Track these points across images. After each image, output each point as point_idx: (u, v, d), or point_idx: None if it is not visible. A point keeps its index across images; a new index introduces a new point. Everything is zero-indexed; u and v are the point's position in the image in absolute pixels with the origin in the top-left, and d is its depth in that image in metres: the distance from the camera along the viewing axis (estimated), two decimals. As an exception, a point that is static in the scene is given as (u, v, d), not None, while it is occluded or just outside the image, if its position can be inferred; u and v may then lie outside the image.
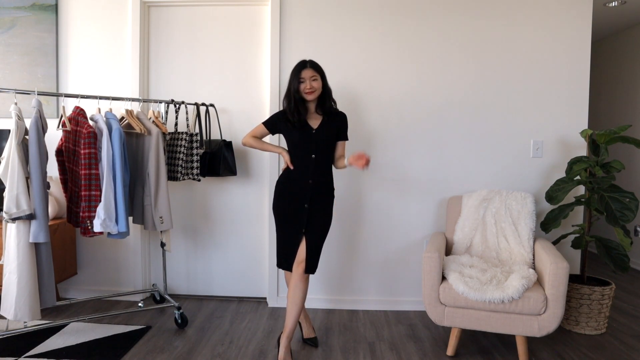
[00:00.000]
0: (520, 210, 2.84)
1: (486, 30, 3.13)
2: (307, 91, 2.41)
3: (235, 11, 3.31)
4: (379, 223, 3.23)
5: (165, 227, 2.76)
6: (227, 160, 3.13)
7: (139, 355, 2.48)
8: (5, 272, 2.33)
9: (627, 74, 4.59)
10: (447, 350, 2.54)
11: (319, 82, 2.43)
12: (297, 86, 2.43)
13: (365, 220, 3.24)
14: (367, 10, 3.16)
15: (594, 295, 2.80)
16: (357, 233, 3.25)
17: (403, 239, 3.23)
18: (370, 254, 3.25)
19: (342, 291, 3.28)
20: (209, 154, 3.08)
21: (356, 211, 3.24)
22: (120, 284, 3.38)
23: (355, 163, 2.38)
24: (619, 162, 2.81)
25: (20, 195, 2.26)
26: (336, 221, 3.24)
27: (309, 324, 2.72)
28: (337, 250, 3.25)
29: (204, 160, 3.05)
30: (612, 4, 3.75)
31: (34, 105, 2.33)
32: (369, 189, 3.22)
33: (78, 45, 3.30)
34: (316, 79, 2.42)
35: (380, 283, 3.26)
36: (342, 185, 3.22)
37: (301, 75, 2.42)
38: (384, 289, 3.26)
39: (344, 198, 3.22)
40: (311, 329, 2.72)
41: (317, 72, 2.44)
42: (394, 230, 3.23)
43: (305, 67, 2.42)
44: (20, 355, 2.42)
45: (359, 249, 3.25)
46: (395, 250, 3.24)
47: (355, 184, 3.22)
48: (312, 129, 2.47)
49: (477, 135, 3.17)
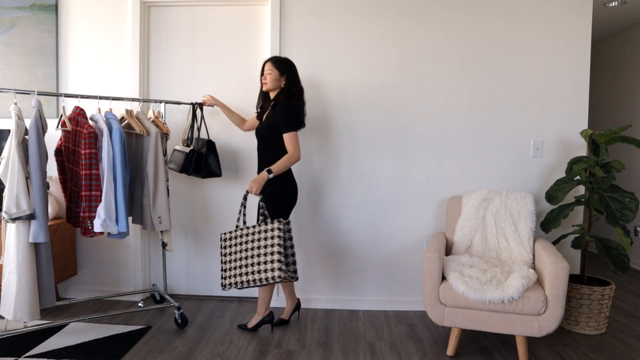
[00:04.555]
0: (520, 210, 2.84)
1: (486, 30, 3.13)
2: (263, 82, 2.72)
3: (235, 11, 3.31)
4: (379, 223, 3.23)
5: (164, 227, 2.76)
6: (209, 162, 3.07)
7: (139, 355, 2.48)
8: (5, 272, 2.33)
9: (627, 74, 4.59)
10: (447, 350, 2.54)
11: (273, 76, 2.68)
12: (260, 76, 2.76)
13: (365, 220, 3.24)
14: (367, 10, 3.16)
15: (594, 295, 2.80)
16: (357, 233, 3.25)
17: (403, 239, 3.23)
18: (370, 254, 3.25)
19: (342, 291, 3.28)
20: (195, 153, 3.03)
21: (356, 211, 3.24)
22: (120, 284, 3.38)
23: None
24: (619, 162, 2.81)
25: (20, 195, 2.26)
26: (336, 221, 3.24)
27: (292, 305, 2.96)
28: (337, 250, 3.25)
29: (190, 159, 3.01)
30: (612, 4, 3.76)
31: (34, 105, 2.33)
32: (369, 189, 3.22)
33: (78, 45, 3.30)
34: (270, 73, 2.68)
35: (380, 283, 3.26)
36: (342, 185, 3.22)
37: (263, 67, 2.73)
38: (384, 289, 3.26)
39: (344, 198, 3.22)
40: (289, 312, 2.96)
41: (276, 67, 2.69)
42: (394, 230, 3.23)
43: (267, 61, 2.71)
44: (20, 355, 2.42)
45: (359, 249, 3.25)
46: (395, 250, 3.24)
47: (356, 184, 3.22)
48: (260, 122, 2.77)
49: (477, 135, 3.17)
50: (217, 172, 3.10)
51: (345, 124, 3.20)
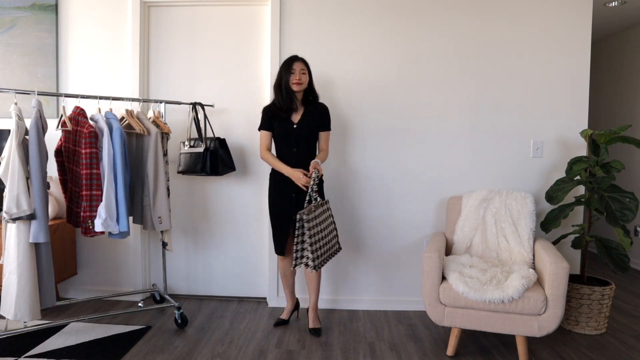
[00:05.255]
0: (520, 210, 2.85)
1: (486, 30, 3.13)
2: (295, 82, 2.62)
3: (235, 11, 3.31)
4: (379, 223, 3.23)
5: (164, 227, 2.76)
6: (223, 158, 3.11)
7: (139, 355, 2.48)
8: (5, 272, 2.33)
9: (627, 74, 4.59)
10: (447, 350, 2.54)
11: (306, 77, 2.66)
12: (287, 77, 2.63)
13: (365, 220, 3.24)
14: (367, 10, 3.16)
15: (594, 295, 2.80)
16: (357, 233, 3.25)
17: (403, 239, 3.23)
18: (371, 254, 3.25)
19: (342, 291, 3.28)
20: (209, 152, 3.04)
21: (356, 211, 3.24)
22: (120, 284, 3.38)
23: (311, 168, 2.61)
24: (619, 162, 2.81)
25: (21, 195, 2.26)
26: (336, 221, 3.24)
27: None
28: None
29: (205, 158, 3.03)
30: (612, 4, 3.76)
31: (34, 105, 2.33)
32: (369, 189, 3.22)
33: (78, 45, 3.30)
34: (305, 73, 2.65)
35: (380, 283, 3.26)
36: (342, 186, 3.22)
37: (293, 67, 2.63)
38: (384, 289, 3.26)
39: (344, 198, 3.22)
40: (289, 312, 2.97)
41: (307, 67, 2.68)
42: (394, 230, 3.23)
43: (297, 60, 2.64)
44: (20, 355, 2.42)
45: (359, 249, 3.25)
46: (395, 250, 3.24)
47: (355, 184, 3.22)
48: (293, 124, 2.69)
49: (477, 135, 3.17)
50: (232, 166, 3.15)
51: (343, 124, 3.20)
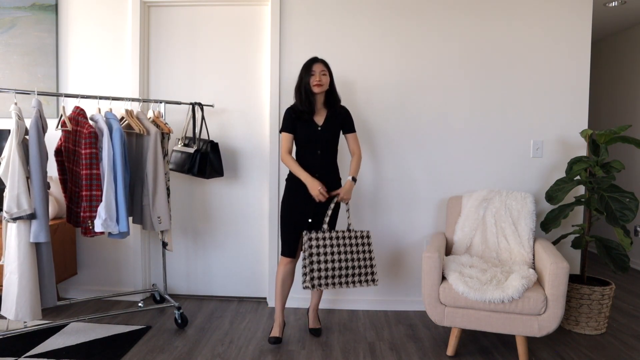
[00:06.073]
0: (520, 210, 2.85)
1: (487, 30, 3.13)
2: (315, 83, 2.55)
3: (235, 11, 3.31)
4: (379, 223, 3.23)
5: (163, 227, 2.76)
6: (213, 162, 3.06)
7: (139, 355, 2.48)
8: (6, 272, 2.33)
9: (627, 74, 4.59)
10: (447, 350, 2.54)
11: (327, 77, 2.60)
12: (307, 79, 2.57)
13: (365, 220, 3.24)
14: (367, 10, 3.16)
15: (594, 295, 2.80)
16: (357, 233, 3.25)
17: (403, 239, 3.23)
18: (370, 254, 3.25)
19: (342, 291, 3.28)
20: (199, 154, 3.02)
21: (356, 211, 3.24)
22: (120, 284, 3.38)
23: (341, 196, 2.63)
24: (619, 162, 2.81)
25: (21, 195, 2.26)
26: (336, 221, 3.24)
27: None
28: (337, 250, 3.26)
29: (194, 160, 3.01)
30: (612, 4, 3.76)
31: (34, 105, 2.34)
32: (369, 190, 3.22)
33: (78, 45, 3.30)
34: (325, 74, 2.59)
35: (380, 283, 3.26)
36: (342, 185, 3.22)
37: (312, 68, 2.57)
38: (384, 289, 3.26)
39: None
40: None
41: (327, 69, 2.61)
42: (394, 230, 3.23)
43: (317, 62, 2.59)
44: (20, 355, 2.42)
45: (359, 249, 3.25)
46: (395, 250, 3.24)
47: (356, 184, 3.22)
48: (317, 126, 2.63)
49: (477, 135, 3.17)
50: (220, 172, 3.12)
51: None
